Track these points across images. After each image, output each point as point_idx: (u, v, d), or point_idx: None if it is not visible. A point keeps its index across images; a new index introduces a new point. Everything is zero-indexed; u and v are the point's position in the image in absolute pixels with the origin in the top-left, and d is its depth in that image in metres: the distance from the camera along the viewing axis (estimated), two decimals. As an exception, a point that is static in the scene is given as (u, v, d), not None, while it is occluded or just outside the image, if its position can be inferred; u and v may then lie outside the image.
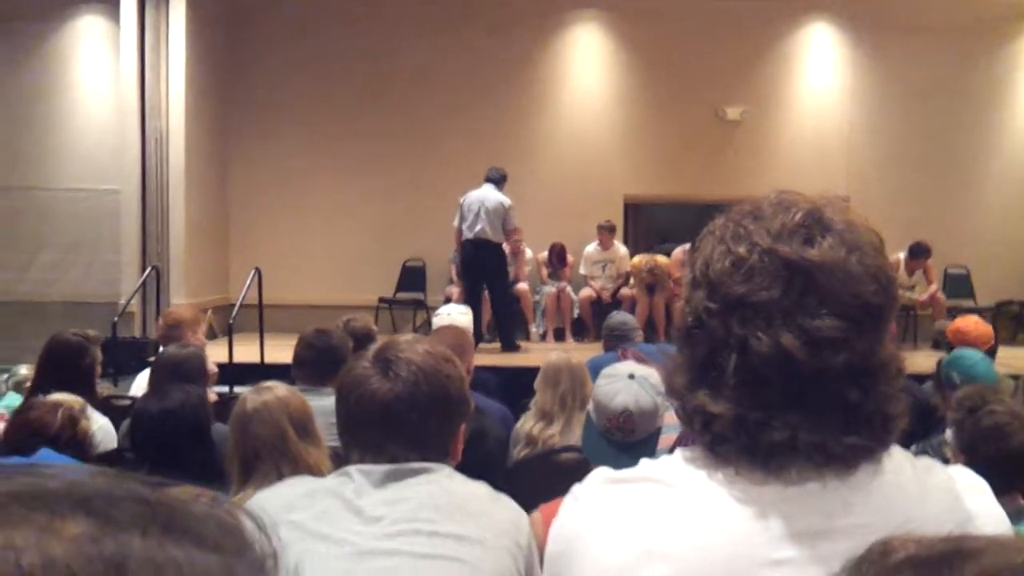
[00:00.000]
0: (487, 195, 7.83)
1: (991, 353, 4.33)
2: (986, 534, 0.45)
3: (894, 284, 0.93)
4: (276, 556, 0.45)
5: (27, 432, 2.79)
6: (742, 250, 0.91)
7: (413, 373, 1.48)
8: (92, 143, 9.06)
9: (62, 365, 3.62)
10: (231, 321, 7.13)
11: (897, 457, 0.92)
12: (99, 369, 3.90)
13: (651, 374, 2.31)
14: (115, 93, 8.80)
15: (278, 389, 2.51)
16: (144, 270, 8.30)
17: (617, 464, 1.01)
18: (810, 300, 0.88)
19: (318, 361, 3.34)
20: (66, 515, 0.40)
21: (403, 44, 9.63)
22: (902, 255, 8.77)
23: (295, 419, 2.43)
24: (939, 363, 3.70)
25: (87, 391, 3.61)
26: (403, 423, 1.47)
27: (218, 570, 0.40)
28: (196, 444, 2.68)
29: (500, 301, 8.07)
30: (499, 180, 7.95)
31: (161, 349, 4.20)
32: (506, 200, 7.81)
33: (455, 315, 4.97)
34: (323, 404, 2.59)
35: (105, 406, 3.82)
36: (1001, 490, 0.99)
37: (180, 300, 8.18)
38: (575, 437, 3.20)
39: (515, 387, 4.22)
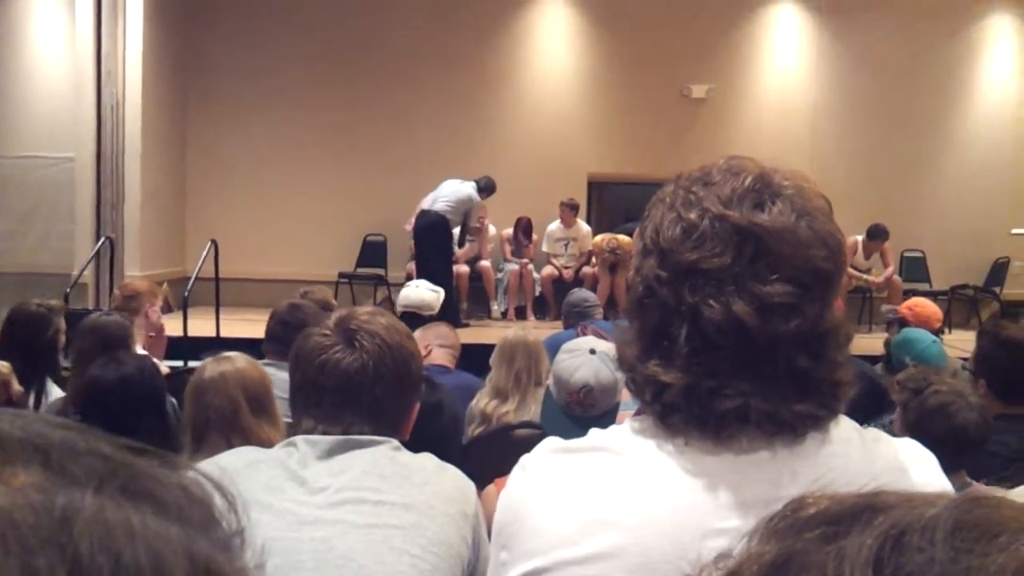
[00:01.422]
0: (463, 184, 7.91)
1: (938, 334, 4.41)
2: (901, 490, 0.45)
3: (843, 249, 0.93)
4: (243, 535, 0.42)
5: None
6: (693, 216, 0.90)
7: (378, 346, 1.49)
8: (47, 109, 8.84)
9: (24, 337, 3.48)
10: (186, 294, 7.03)
11: (845, 427, 0.92)
12: (63, 340, 3.77)
13: (611, 349, 2.31)
14: (71, 58, 8.58)
15: (238, 361, 2.44)
16: (98, 241, 8.14)
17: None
18: (761, 266, 0.87)
19: (290, 338, 3.29)
20: (18, 464, 0.37)
21: (366, 16, 9.50)
22: (860, 238, 8.87)
23: (250, 393, 2.37)
24: (887, 343, 3.73)
25: (50, 364, 3.53)
26: (364, 394, 1.47)
27: (176, 541, 0.37)
28: (151, 414, 2.63)
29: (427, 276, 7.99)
30: (484, 187, 8.12)
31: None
32: (477, 196, 7.89)
33: (423, 288, 4.89)
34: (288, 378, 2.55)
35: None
36: (947, 468, 0.99)
37: (134, 272, 8.04)
38: (529, 415, 3.19)
39: (475, 365, 4.20)
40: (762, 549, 0.43)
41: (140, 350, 3.56)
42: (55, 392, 3.45)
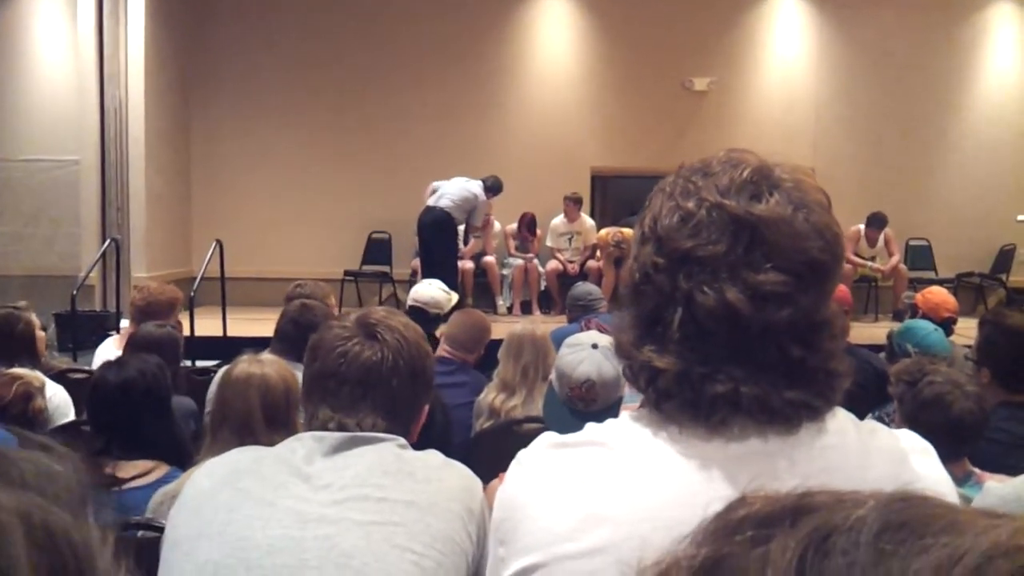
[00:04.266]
0: (469, 182, 7.90)
1: (951, 323, 4.40)
2: (833, 489, 0.44)
3: (840, 242, 0.93)
4: (88, 503, 0.46)
5: None
6: (690, 205, 0.91)
7: (397, 340, 1.51)
8: (51, 112, 8.86)
9: None
10: (192, 294, 7.04)
11: (840, 418, 0.92)
12: (40, 335, 3.97)
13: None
14: (73, 60, 8.60)
15: (268, 366, 2.40)
16: (104, 242, 8.17)
17: None
18: (756, 255, 0.88)
19: (299, 337, 3.30)
20: None
21: (369, 14, 9.51)
22: (861, 227, 8.87)
23: (268, 402, 2.34)
24: (890, 334, 3.73)
25: (31, 358, 3.69)
26: (381, 387, 1.48)
27: (7, 502, 0.41)
28: (156, 415, 2.65)
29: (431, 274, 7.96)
30: (490, 187, 8.11)
31: (123, 323, 4.20)
32: (483, 196, 7.88)
33: (435, 287, 4.86)
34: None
35: (62, 380, 3.80)
36: (947, 457, 0.99)
37: (140, 273, 8.07)
38: (537, 409, 3.18)
39: (481, 359, 4.19)
40: (694, 552, 0.43)
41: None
42: (50, 386, 3.51)
